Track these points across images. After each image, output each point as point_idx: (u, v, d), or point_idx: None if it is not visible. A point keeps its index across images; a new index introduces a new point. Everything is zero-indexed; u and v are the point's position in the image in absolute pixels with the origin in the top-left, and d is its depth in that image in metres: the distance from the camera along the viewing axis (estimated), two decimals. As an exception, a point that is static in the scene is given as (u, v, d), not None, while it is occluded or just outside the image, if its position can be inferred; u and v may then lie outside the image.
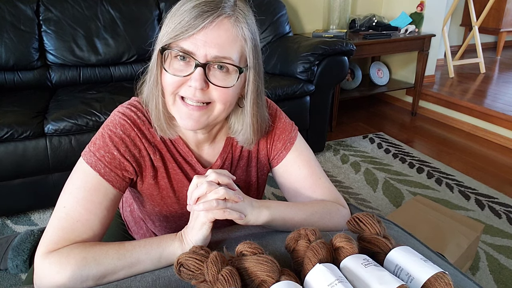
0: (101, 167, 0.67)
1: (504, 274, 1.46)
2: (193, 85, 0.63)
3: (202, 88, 0.63)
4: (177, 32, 0.62)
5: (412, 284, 0.50)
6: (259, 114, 0.73)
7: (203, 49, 0.62)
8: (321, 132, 2.33)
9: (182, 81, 0.65)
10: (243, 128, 0.74)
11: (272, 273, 0.50)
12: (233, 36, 0.64)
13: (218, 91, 0.65)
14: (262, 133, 0.79)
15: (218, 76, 0.65)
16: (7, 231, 1.66)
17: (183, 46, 0.63)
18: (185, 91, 0.65)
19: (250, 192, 0.87)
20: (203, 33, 0.62)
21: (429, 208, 1.48)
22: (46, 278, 0.59)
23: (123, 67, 2.23)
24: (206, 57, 0.62)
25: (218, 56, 0.63)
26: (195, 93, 0.64)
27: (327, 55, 2.13)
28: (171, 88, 0.66)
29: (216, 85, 0.65)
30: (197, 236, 0.62)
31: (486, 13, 3.52)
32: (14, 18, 1.96)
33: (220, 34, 0.62)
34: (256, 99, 0.71)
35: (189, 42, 0.62)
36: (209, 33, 0.62)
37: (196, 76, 0.63)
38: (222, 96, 0.66)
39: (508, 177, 2.18)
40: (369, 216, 0.61)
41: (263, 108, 0.76)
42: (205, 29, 0.61)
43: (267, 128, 0.80)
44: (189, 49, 0.62)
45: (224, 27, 0.63)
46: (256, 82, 0.70)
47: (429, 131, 2.86)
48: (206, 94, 0.65)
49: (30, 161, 1.61)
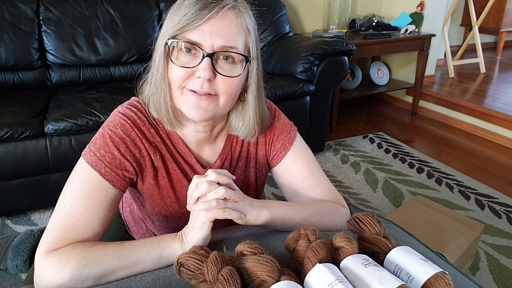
0: (101, 167, 0.67)
1: (504, 274, 1.46)
2: (202, 74, 0.63)
3: (209, 79, 0.64)
4: (183, 23, 0.63)
5: (412, 284, 0.50)
6: (260, 107, 0.75)
7: (210, 39, 0.63)
8: (321, 132, 2.33)
9: (190, 73, 0.65)
10: (245, 122, 0.75)
11: (272, 273, 0.50)
12: (237, 26, 0.65)
13: (224, 82, 0.66)
14: (263, 126, 0.79)
15: (224, 67, 0.66)
16: (7, 231, 1.66)
17: (190, 37, 0.63)
18: (193, 83, 0.65)
19: (249, 192, 0.87)
20: (209, 24, 0.63)
21: (429, 208, 1.48)
22: (46, 277, 0.59)
23: (123, 67, 2.23)
24: (212, 47, 0.63)
25: (225, 46, 0.64)
26: (203, 84, 0.64)
27: (327, 55, 2.13)
28: (178, 81, 0.66)
29: (223, 75, 0.65)
30: (197, 236, 0.62)
31: (486, 13, 3.52)
32: (14, 18, 1.96)
33: (225, 24, 0.64)
34: (258, 90, 0.73)
35: (195, 34, 0.63)
36: (215, 24, 0.63)
37: (204, 65, 0.63)
38: (228, 88, 0.66)
39: (508, 177, 2.18)
40: (369, 216, 0.61)
41: (263, 101, 0.77)
42: (211, 20, 0.63)
43: (267, 123, 0.80)
44: (196, 40, 0.63)
45: (229, 18, 0.64)
46: (258, 73, 0.71)
47: (429, 131, 2.86)
48: (212, 86, 0.66)
49: (30, 161, 1.61)
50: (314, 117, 2.24)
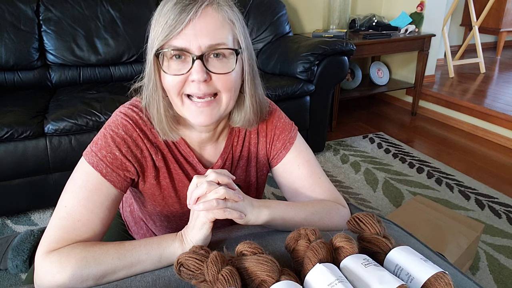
0: (102, 167, 0.67)
1: (504, 274, 1.46)
2: (196, 78, 0.63)
3: (205, 80, 0.64)
4: (166, 32, 0.62)
5: (412, 284, 0.50)
6: (257, 95, 0.74)
7: (195, 41, 0.62)
8: (321, 132, 2.33)
9: (184, 80, 0.65)
10: (243, 113, 0.75)
11: (272, 273, 0.50)
12: (220, 21, 0.64)
13: (221, 79, 0.66)
14: (262, 114, 0.79)
15: (216, 64, 0.65)
16: (7, 231, 1.66)
17: (176, 44, 0.63)
18: (190, 88, 0.65)
19: (250, 191, 0.87)
20: (191, 26, 0.62)
21: (429, 208, 1.48)
22: (47, 277, 0.59)
23: (123, 67, 2.23)
24: (200, 48, 0.63)
25: (212, 45, 0.63)
26: (200, 86, 0.64)
27: (327, 55, 2.13)
28: (175, 89, 0.66)
29: (217, 73, 0.65)
30: (197, 236, 0.62)
31: (486, 13, 3.51)
32: (14, 18, 1.96)
33: (207, 22, 0.63)
34: (253, 79, 0.72)
35: (180, 39, 0.62)
36: (197, 25, 0.62)
37: (196, 69, 0.63)
38: (226, 83, 0.66)
39: (508, 177, 2.18)
40: (369, 216, 0.61)
41: (260, 88, 0.76)
42: (192, 22, 0.62)
43: (266, 110, 0.80)
44: (182, 46, 0.63)
45: (209, 15, 0.63)
46: (250, 62, 0.71)
47: (429, 131, 2.86)
48: (210, 86, 0.65)
49: (30, 161, 1.61)
50: (314, 117, 2.24)
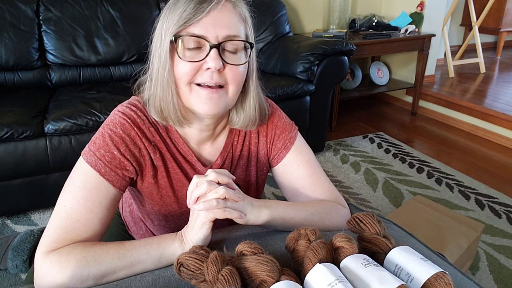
0: (101, 167, 0.67)
1: (504, 274, 1.46)
2: (212, 65, 0.64)
3: (219, 69, 0.65)
4: (185, 19, 0.64)
5: (412, 284, 0.50)
6: (259, 94, 0.77)
7: (213, 31, 0.64)
8: (321, 132, 2.33)
9: (197, 68, 0.66)
10: (245, 112, 0.76)
11: (272, 273, 0.50)
12: (236, 17, 0.68)
13: (232, 71, 0.67)
14: (262, 115, 0.79)
15: (230, 56, 0.67)
16: (7, 231, 1.66)
17: (194, 32, 0.64)
18: (202, 76, 0.66)
19: (250, 191, 0.87)
20: (211, 16, 0.64)
21: (429, 208, 1.48)
22: (46, 277, 0.59)
23: (123, 67, 2.23)
24: (217, 38, 0.65)
25: (229, 35, 0.66)
26: (213, 75, 0.65)
27: (327, 55, 2.13)
28: (186, 77, 0.66)
29: (232, 64, 0.67)
30: (197, 236, 0.62)
31: (486, 13, 3.51)
32: (14, 18, 1.96)
33: (226, 15, 0.66)
34: (256, 78, 0.75)
35: (199, 27, 0.64)
36: (216, 16, 0.65)
37: (213, 56, 0.64)
38: (236, 76, 0.68)
39: (508, 177, 2.18)
40: (369, 216, 0.61)
41: (260, 90, 0.78)
42: (212, 12, 0.64)
43: (266, 112, 0.81)
44: (200, 33, 0.64)
45: (227, 8, 0.66)
46: (257, 60, 0.74)
47: (429, 131, 2.86)
48: (222, 76, 0.67)
49: (30, 161, 1.61)
50: (314, 117, 2.24)
